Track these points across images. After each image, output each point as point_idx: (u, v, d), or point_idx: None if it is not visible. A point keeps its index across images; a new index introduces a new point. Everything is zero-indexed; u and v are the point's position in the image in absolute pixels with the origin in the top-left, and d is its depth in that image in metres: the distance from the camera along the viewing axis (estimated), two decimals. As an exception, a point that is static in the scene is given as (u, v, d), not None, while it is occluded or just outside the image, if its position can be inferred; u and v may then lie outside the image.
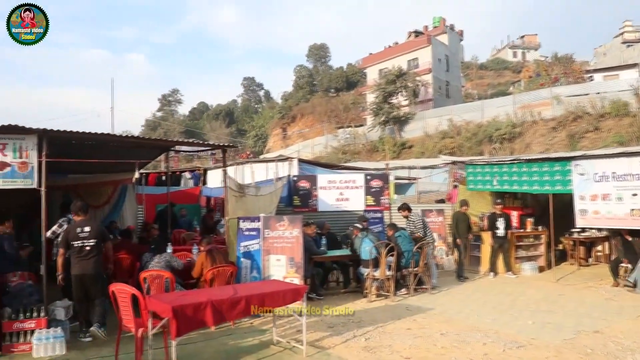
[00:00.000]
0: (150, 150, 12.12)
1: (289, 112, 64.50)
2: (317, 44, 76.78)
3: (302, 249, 9.28)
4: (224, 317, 6.16)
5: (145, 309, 6.23)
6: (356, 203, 13.50)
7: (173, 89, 79.66)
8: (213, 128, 69.08)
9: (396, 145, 41.30)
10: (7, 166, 7.59)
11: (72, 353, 7.09)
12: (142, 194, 15.24)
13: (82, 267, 7.74)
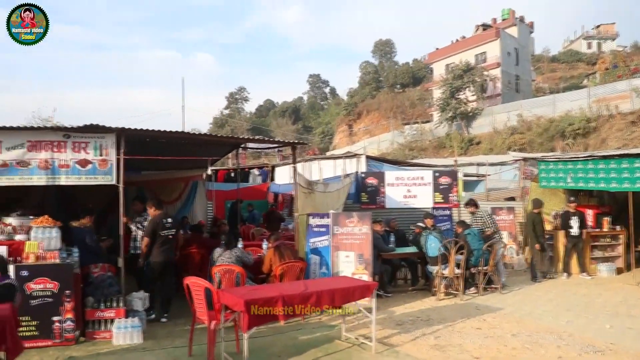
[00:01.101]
0: (220, 147, 12.41)
1: (354, 109, 64.42)
2: (383, 40, 76.28)
3: (371, 246, 9.29)
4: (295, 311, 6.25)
5: (218, 302, 6.40)
6: (424, 200, 13.39)
7: (240, 87, 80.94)
8: (279, 125, 69.81)
9: (463, 142, 40.62)
10: (89, 163, 7.98)
11: (148, 342, 7.38)
12: (212, 190, 15.62)
13: (166, 254, 8.56)
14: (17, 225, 7.75)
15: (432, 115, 51.88)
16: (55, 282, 7.20)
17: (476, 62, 49.11)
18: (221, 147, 12.41)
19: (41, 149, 7.84)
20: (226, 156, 16.71)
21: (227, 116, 72.69)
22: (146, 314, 8.19)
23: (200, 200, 14.79)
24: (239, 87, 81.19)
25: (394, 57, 76.58)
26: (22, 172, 7.77)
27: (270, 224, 14.25)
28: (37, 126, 8.29)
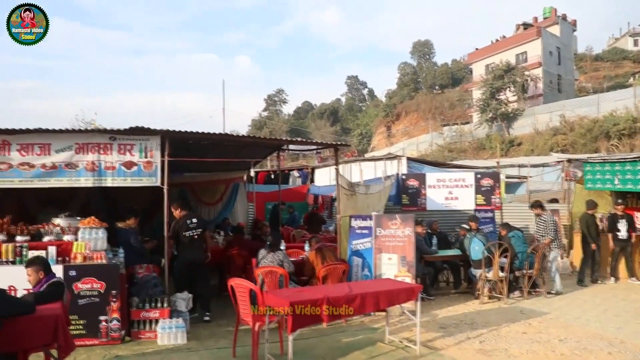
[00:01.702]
0: (261, 149, 12.46)
1: (393, 110, 64.10)
2: (421, 41, 75.78)
3: (414, 248, 9.19)
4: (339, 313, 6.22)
5: (262, 304, 6.40)
6: (466, 202, 13.20)
7: (278, 89, 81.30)
8: (318, 127, 69.94)
9: (504, 143, 39.98)
10: (135, 165, 8.10)
11: (192, 343, 7.44)
12: (253, 192, 15.71)
13: (192, 255, 8.60)
14: (65, 226, 7.91)
15: (472, 116, 51.26)
16: (101, 282, 7.32)
17: (517, 62, 48.26)
18: (262, 149, 12.46)
19: (88, 151, 8.00)
20: (264, 159, 16.77)
21: (265, 118, 73.15)
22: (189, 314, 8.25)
23: (242, 202, 14.88)
24: (277, 89, 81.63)
25: (433, 58, 76.04)
26: (70, 173, 7.95)
27: (312, 226, 14.23)
28: (85, 129, 8.44)
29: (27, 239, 7.65)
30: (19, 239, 7.52)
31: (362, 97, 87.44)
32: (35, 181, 7.91)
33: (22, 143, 7.85)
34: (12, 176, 7.82)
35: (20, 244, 7.41)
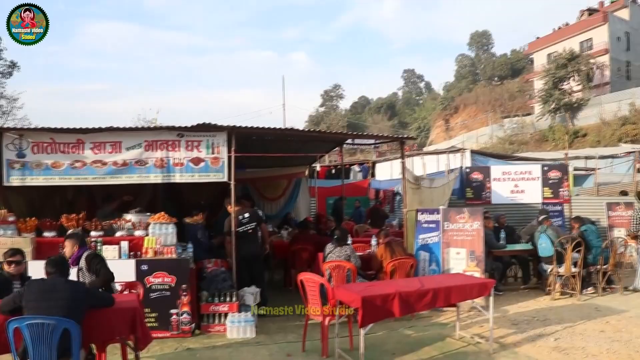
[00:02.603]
0: (323, 144, 12.44)
1: (451, 103, 63.15)
2: (479, 31, 74.25)
3: (482, 242, 8.98)
4: (411, 308, 6.13)
5: (332, 298, 6.37)
6: (532, 195, 12.88)
7: (335, 84, 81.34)
8: (375, 121, 69.62)
9: (568, 134, 38.69)
10: (202, 161, 8.22)
11: (261, 337, 7.48)
12: (315, 187, 15.71)
13: (248, 249, 8.61)
14: (136, 221, 8.09)
15: (533, 107, 49.83)
16: (172, 276, 7.45)
17: (581, 49, 46.58)
18: (324, 143, 12.44)
19: (157, 148, 8.17)
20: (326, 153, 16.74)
21: (322, 114, 73.31)
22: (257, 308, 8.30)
23: (304, 197, 14.90)
24: (334, 85, 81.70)
25: (491, 49, 74.41)
26: (140, 170, 8.14)
27: (375, 221, 14.11)
28: (154, 126, 8.61)
29: (100, 234, 7.86)
30: (93, 234, 7.75)
31: (419, 90, 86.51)
32: (108, 178, 8.14)
33: (95, 142, 8.10)
34: (86, 174, 8.08)
35: (95, 239, 7.62)
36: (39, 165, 8.05)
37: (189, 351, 6.94)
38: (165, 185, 8.83)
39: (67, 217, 7.97)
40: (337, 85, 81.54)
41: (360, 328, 5.79)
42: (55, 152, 8.10)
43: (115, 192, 9.38)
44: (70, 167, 8.06)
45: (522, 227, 11.86)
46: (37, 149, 8.09)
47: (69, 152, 8.10)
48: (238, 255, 8.43)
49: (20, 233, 7.82)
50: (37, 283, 4.87)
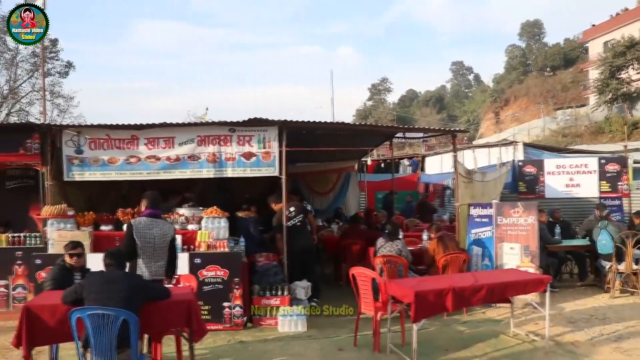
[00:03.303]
0: (373, 137, 12.38)
1: (501, 95, 61.86)
2: (530, 21, 72.37)
3: (537, 237, 8.77)
4: (465, 304, 6.05)
5: (385, 293, 6.33)
6: (589, 189, 12.57)
7: (382, 78, 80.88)
8: (424, 115, 68.92)
9: (627, 125, 37.35)
10: (253, 156, 8.29)
11: (312, 331, 7.49)
12: (364, 181, 15.68)
13: (299, 242, 8.63)
14: (189, 215, 8.22)
15: (588, 98, 48.26)
16: (225, 269, 7.55)
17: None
18: (374, 137, 12.38)
19: (209, 143, 8.29)
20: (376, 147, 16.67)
21: (370, 108, 73.03)
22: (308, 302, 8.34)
23: (353, 191, 14.88)
24: (382, 78, 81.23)
25: (543, 39, 72.38)
26: (193, 165, 8.28)
27: (423, 215, 13.99)
28: (206, 121, 8.74)
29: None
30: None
31: (468, 83, 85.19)
32: (161, 173, 8.31)
33: (149, 137, 8.28)
34: (140, 169, 8.28)
35: (149, 233, 7.76)
36: (96, 160, 8.28)
37: (241, 344, 7.02)
38: (216, 180, 8.93)
39: (122, 211, 8.16)
40: (385, 78, 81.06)
41: (414, 323, 5.74)
42: (111, 148, 8.32)
43: (168, 186, 9.54)
44: (125, 163, 8.27)
45: (578, 222, 11.53)
46: (94, 145, 8.32)
47: (124, 147, 8.32)
48: (289, 249, 8.47)
49: (79, 227, 8.06)
50: (97, 275, 5.02)
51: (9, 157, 8.72)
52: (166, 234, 6.00)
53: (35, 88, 33.48)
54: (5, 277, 8.30)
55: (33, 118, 31.52)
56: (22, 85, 33.69)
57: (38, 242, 8.29)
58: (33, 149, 8.34)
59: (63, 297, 4.87)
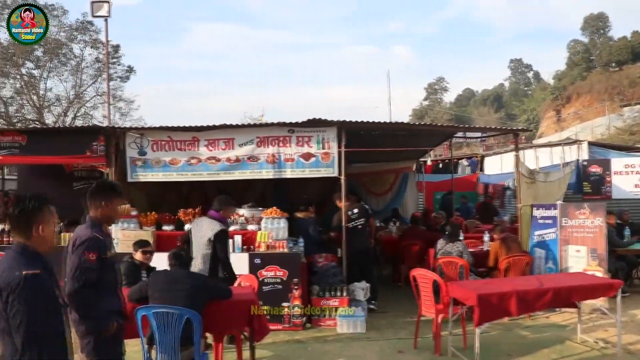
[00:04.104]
0: (431, 137, 12.23)
1: (562, 93, 60.03)
2: (594, 14, 69.92)
3: (605, 240, 8.45)
4: (529, 308, 5.88)
5: (446, 295, 6.23)
6: (660, 189, 12.02)
7: (438, 77, 79.89)
8: (481, 114, 67.67)
9: None
10: (312, 156, 8.32)
11: (372, 332, 7.45)
12: (423, 182, 15.50)
13: (358, 244, 8.56)
14: (249, 216, 8.31)
15: (659, 93, 46.35)
16: (284, 270, 7.59)
17: None
18: (432, 137, 12.22)
19: (268, 144, 8.36)
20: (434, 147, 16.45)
21: (426, 107, 72.28)
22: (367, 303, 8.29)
23: (411, 192, 14.73)
24: (438, 78, 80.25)
25: (608, 32, 69.73)
26: (253, 166, 8.37)
27: (484, 216, 13.72)
28: (265, 123, 8.81)
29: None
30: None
31: (527, 80, 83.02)
32: (221, 174, 8.44)
33: (209, 139, 8.42)
34: (201, 170, 8.43)
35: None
36: (158, 162, 8.47)
37: (300, 344, 7.04)
38: (274, 180, 9.00)
39: (184, 211, 8.33)
40: (441, 78, 80.00)
41: (476, 327, 5.62)
42: (173, 149, 8.49)
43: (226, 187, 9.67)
44: (186, 164, 8.43)
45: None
46: (156, 146, 8.52)
47: (185, 149, 8.48)
48: (348, 251, 8.44)
49: (141, 226, 8.27)
50: (162, 274, 5.13)
51: (77, 159, 9.07)
52: (204, 235, 6.09)
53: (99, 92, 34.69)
54: (73, 274, 8.56)
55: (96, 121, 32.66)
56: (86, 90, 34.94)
57: (104, 241, 8.51)
58: (99, 151, 8.58)
59: (129, 295, 4.99)
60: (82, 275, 3.70)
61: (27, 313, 2.45)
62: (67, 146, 8.73)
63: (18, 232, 2.71)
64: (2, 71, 29.62)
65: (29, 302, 2.46)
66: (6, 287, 2.47)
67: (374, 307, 8.53)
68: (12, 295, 2.45)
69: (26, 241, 2.70)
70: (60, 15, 32.94)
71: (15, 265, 2.54)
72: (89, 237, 3.81)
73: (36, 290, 2.50)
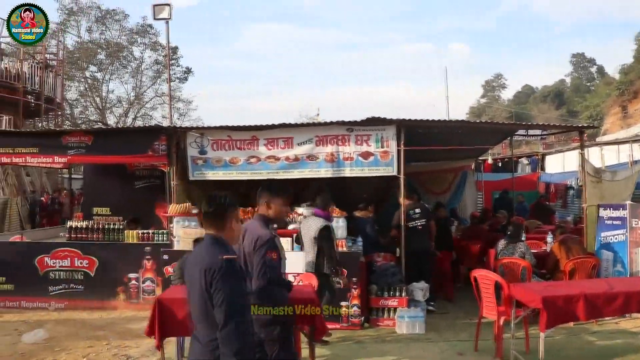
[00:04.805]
0: (491, 135, 11.97)
1: (629, 87, 57.66)
2: (664, 5, 67.07)
3: (679, 243, 8.09)
4: (598, 313, 5.65)
5: (508, 297, 6.08)
6: None
7: (496, 74, 78.28)
8: (541, 111, 65.91)
9: None
10: (371, 155, 8.29)
11: (431, 333, 7.35)
12: (481, 181, 15.24)
13: (417, 245, 8.51)
14: (307, 214, 8.32)
15: None
16: (343, 269, 7.54)
17: None
18: (492, 135, 11.96)
19: (327, 143, 8.38)
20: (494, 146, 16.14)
21: (484, 105, 71.00)
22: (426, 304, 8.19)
23: (470, 191, 14.50)
24: (495, 74, 78.71)
25: (680, 23, 66.74)
26: (311, 165, 8.42)
27: (539, 217, 13.34)
28: (324, 122, 8.82)
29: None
30: (267, 227, 8.08)
31: (590, 75, 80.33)
32: (280, 173, 8.50)
33: (269, 138, 8.51)
34: (260, 169, 8.53)
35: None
36: (218, 161, 8.62)
37: (358, 344, 7.03)
38: (331, 179, 9.00)
39: (243, 210, 8.40)
40: (499, 74, 78.42)
41: (543, 331, 5.44)
42: (233, 148, 8.62)
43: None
44: (246, 163, 8.55)
45: None
46: (216, 146, 8.67)
47: (244, 148, 8.60)
48: (407, 251, 8.37)
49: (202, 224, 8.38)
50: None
51: (139, 158, 9.32)
52: (308, 231, 6.44)
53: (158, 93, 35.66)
54: (136, 271, 8.83)
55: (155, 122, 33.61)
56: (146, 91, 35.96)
57: (165, 239, 8.74)
58: (160, 150, 8.80)
59: None
60: (267, 273, 4.09)
61: (229, 291, 2.87)
62: (130, 146, 9.01)
63: (213, 225, 3.18)
64: (68, 75, 30.76)
65: (229, 281, 2.90)
66: (209, 270, 2.89)
67: (433, 308, 8.42)
68: (216, 276, 2.87)
69: (220, 233, 3.16)
70: (121, 20, 34.10)
71: (215, 252, 2.98)
72: (270, 237, 4.22)
73: (234, 272, 2.95)
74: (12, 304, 9.05)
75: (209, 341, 2.93)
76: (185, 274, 3.20)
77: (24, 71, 20.91)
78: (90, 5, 33.33)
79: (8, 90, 19.95)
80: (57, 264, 9.00)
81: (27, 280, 9.07)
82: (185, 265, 3.26)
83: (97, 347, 6.98)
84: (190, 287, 3.07)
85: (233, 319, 2.84)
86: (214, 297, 2.88)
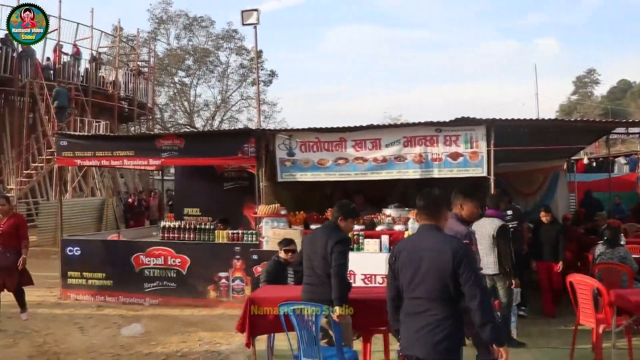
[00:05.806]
0: (585, 135, 11.49)
1: None
2: None
3: None
4: None
5: (608, 304, 5.82)
6: None
7: (589, 70, 74.63)
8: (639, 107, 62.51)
9: None
10: (460, 156, 8.16)
11: (522, 339, 7.07)
12: (574, 182, 14.63)
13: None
14: (395, 216, 8.33)
15: None
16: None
17: None
18: (586, 134, 11.47)
19: (415, 144, 8.33)
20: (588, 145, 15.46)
21: (575, 102, 68.11)
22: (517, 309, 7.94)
23: (562, 192, 13.92)
24: (588, 70, 75.05)
25: None
26: (399, 166, 8.40)
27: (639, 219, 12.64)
28: (412, 122, 8.76)
29: (362, 228, 8.24)
30: (355, 228, 8.10)
31: (695, 68, 75.46)
32: (368, 174, 8.54)
33: (356, 139, 8.56)
34: (348, 170, 8.59)
35: (357, 233, 8.01)
36: (306, 162, 8.75)
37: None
38: (416, 180, 8.92)
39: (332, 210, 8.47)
40: (592, 69, 74.72)
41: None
42: (321, 150, 8.72)
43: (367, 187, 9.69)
44: (334, 164, 8.62)
45: None
46: (304, 147, 8.79)
47: (332, 150, 8.68)
48: None
49: (290, 225, 8.56)
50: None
51: (229, 160, 9.61)
52: (487, 233, 6.58)
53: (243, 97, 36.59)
54: (226, 270, 9.08)
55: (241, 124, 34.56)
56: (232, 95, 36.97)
57: (254, 239, 8.94)
58: (249, 152, 9.00)
59: None
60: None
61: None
62: (221, 148, 9.30)
63: (431, 216, 3.61)
64: (158, 81, 32.14)
65: (472, 262, 3.42)
66: (457, 254, 3.31)
67: (524, 314, 8.16)
68: (463, 259, 3.29)
69: (436, 222, 3.59)
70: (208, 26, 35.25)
71: (452, 239, 3.56)
72: (467, 232, 4.76)
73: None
74: (111, 299, 9.57)
75: (443, 317, 3.36)
76: (410, 259, 3.47)
77: (119, 79, 22.04)
78: (179, 14, 34.68)
79: (104, 97, 21.13)
80: (151, 262, 9.42)
81: (124, 277, 9.58)
82: (412, 252, 3.51)
83: (190, 342, 7.26)
84: (426, 271, 3.37)
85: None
86: (463, 275, 3.26)
